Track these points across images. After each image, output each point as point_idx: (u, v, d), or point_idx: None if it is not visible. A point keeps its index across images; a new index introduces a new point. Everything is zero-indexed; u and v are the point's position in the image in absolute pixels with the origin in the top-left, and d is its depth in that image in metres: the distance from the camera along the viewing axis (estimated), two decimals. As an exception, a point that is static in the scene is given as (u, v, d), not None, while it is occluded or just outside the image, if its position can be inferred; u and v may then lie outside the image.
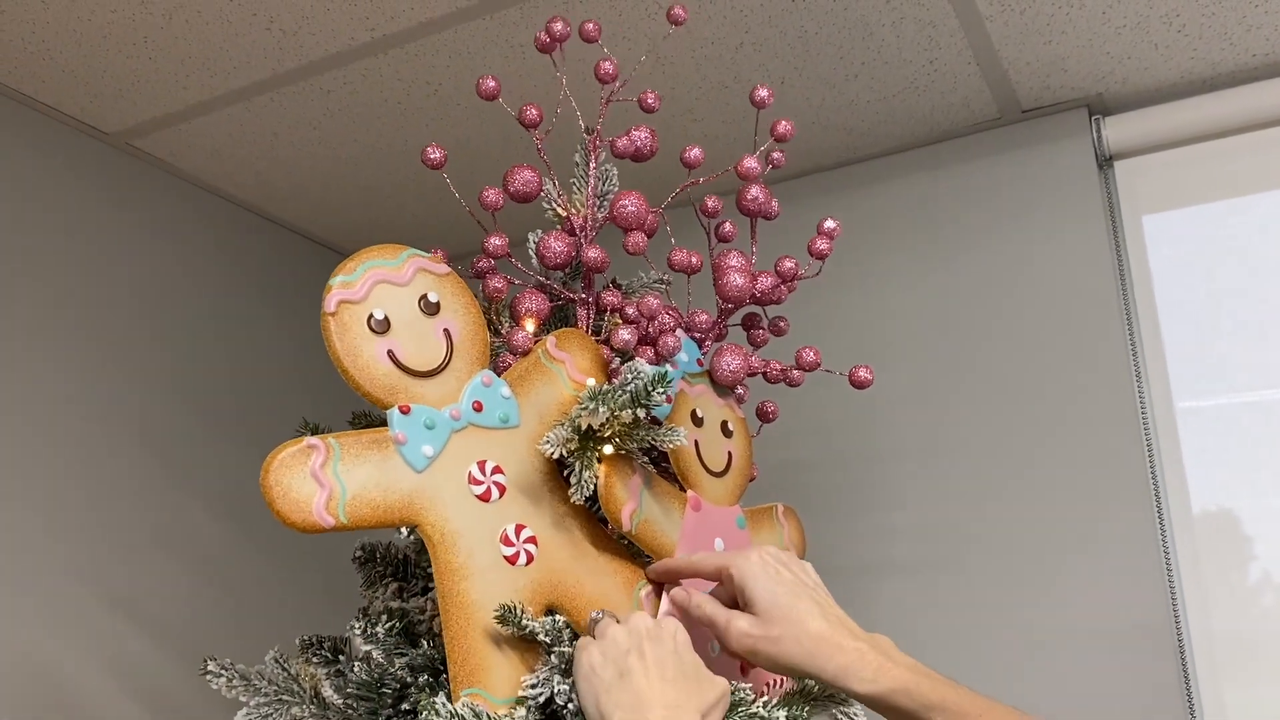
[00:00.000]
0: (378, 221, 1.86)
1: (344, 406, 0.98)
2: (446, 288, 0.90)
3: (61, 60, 1.38)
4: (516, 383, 0.92)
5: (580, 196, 1.01)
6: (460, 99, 1.49)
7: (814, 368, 1.06)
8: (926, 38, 1.38)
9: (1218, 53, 1.42)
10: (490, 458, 0.88)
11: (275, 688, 0.84)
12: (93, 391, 1.49)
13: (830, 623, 0.82)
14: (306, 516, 0.77)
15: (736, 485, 1.04)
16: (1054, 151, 1.56)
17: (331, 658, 0.88)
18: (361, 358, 0.83)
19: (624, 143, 1.01)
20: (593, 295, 1.02)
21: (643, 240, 0.98)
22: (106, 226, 1.56)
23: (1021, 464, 1.48)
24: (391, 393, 0.84)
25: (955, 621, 1.46)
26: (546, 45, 1.02)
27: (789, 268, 1.03)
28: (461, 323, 0.90)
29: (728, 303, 1.02)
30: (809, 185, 1.72)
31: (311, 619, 1.67)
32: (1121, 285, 1.50)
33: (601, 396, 0.84)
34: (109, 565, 1.47)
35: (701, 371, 1.04)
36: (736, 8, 1.31)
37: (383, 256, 0.87)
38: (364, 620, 0.86)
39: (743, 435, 1.07)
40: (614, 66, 1.02)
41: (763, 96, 1.06)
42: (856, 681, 0.80)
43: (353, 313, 0.84)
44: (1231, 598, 1.38)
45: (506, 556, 0.86)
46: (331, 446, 0.80)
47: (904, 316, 1.61)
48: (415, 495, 0.83)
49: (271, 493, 0.77)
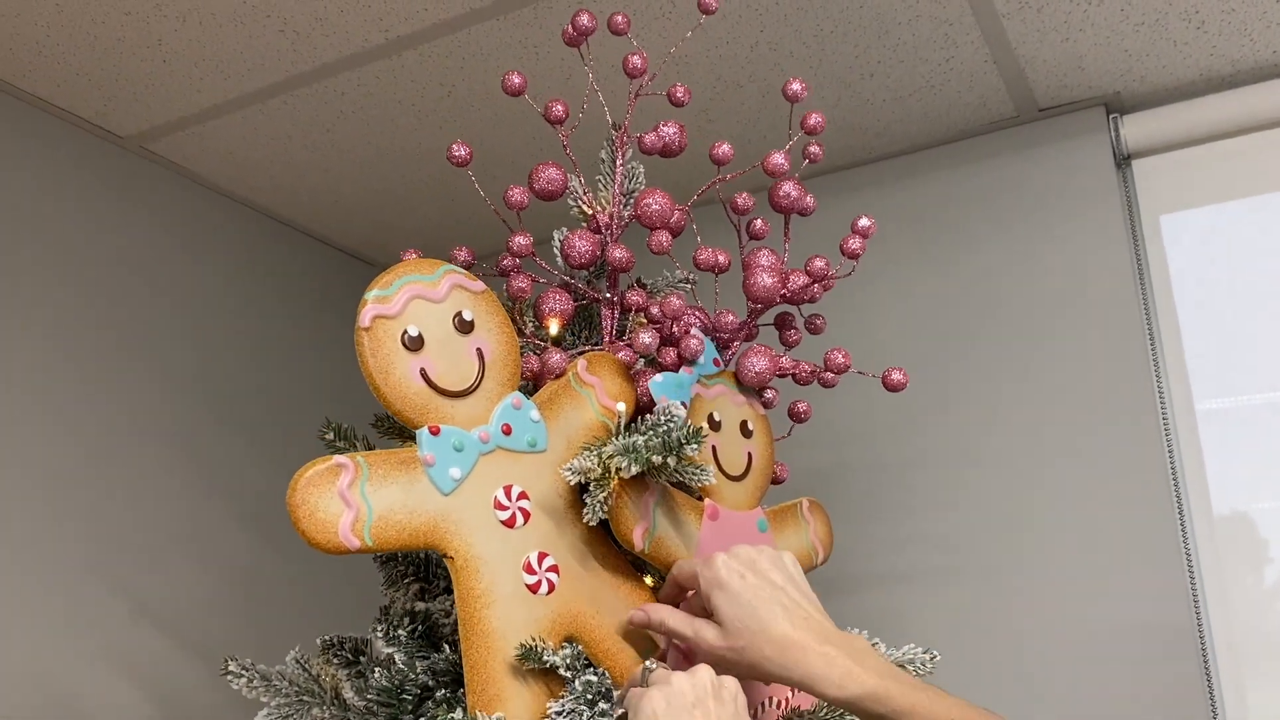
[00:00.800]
0: (392, 224, 1.85)
1: (359, 408, 0.97)
2: (481, 305, 0.89)
3: (76, 64, 1.38)
4: (545, 406, 0.91)
5: (605, 194, 1.00)
6: (474, 100, 1.49)
7: (844, 370, 1.04)
8: (943, 36, 1.37)
9: (1237, 50, 1.41)
10: (517, 482, 0.87)
11: (296, 688, 0.84)
12: (109, 395, 1.49)
13: (796, 626, 0.80)
14: (332, 538, 0.76)
15: (757, 487, 1.02)
16: (1072, 150, 1.54)
17: (353, 659, 0.88)
18: (394, 375, 0.82)
19: (652, 138, 1.00)
20: (617, 295, 1.01)
21: (667, 239, 0.96)
22: (120, 230, 1.56)
23: (1041, 466, 1.47)
24: (422, 412, 0.83)
25: (975, 624, 1.45)
26: (573, 39, 1.01)
27: (820, 267, 1.01)
28: (494, 342, 0.89)
29: (756, 302, 1.01)
30: (824, 185, 1.70)
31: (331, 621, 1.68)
32: (1140, 285, 1.49)
33: (634, 453, 0.83)
34: (132, 568, 1.48)
35: (719, 372, 1.02)
36: (752, 7, 1.30)
37: (419, 271, 0.86)
38: (385, 622, 0.86)
39: (764, 434, 1.04)
40: (643, 60, 1.00)
41: (795, 90, 1.03)
42: (825, 686, 0.78)
43: (387, 328, 0.83)
44: (1253, 598, 1.37)
45: (529, 585, 0.85)
46: (360, 465, 0.79)
47: (919, 317, 1.60)
48: (441, 519, 0.82)
49: (298, 512, 0.75)
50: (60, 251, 1.47)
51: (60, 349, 1.44)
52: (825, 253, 1.05)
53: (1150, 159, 1.54)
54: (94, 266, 1.51)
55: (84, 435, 1.45)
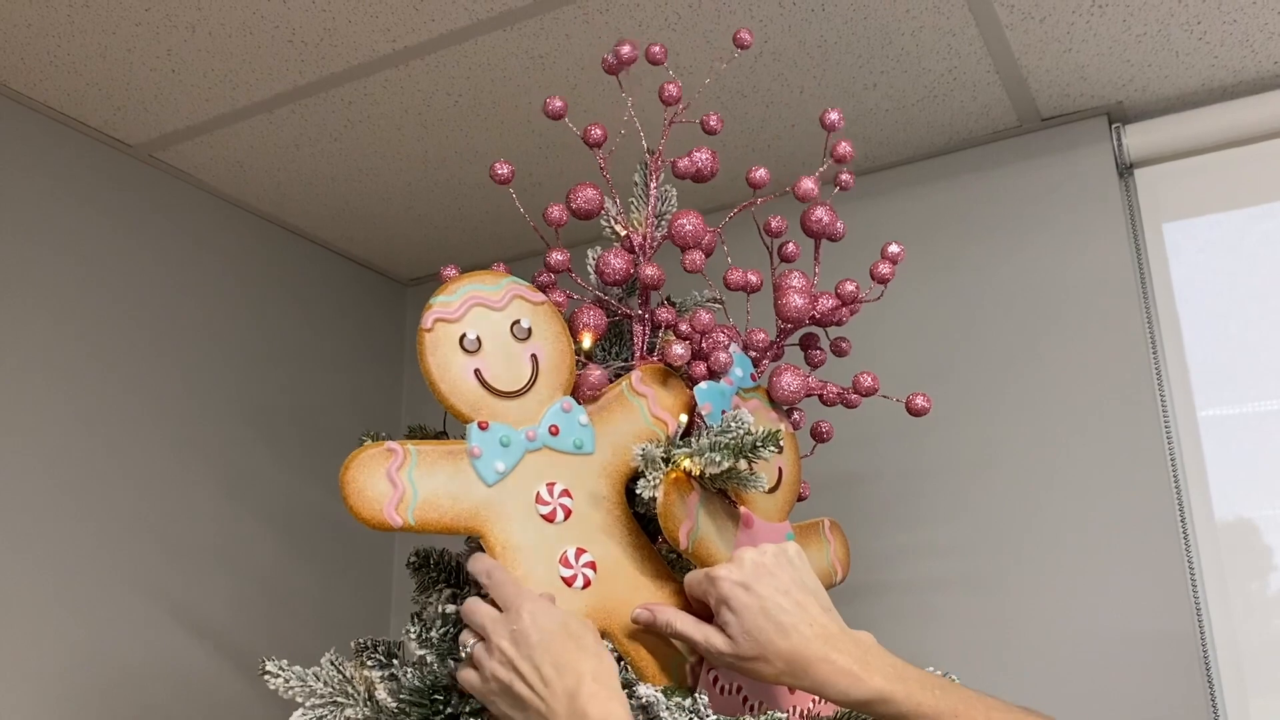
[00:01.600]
0: (399, 232, 1.87)
1: (377, 415, 0.99)
2: (540, 315, 0.95)
3: (85, 73, 1.39)
4: (596, 412, 0.95)
5: (639, 215, 1.03)
6: (481, 110, 1.50)
7: (872, 393, 1.08)
8: (946, 46, 1.38)
9: (1239, 60, 1.42)
10: (560, 480, 0.91)
11: (330, 689, 0.86)
12: (128, 399, 1.50)
13: (803, 635, 0.82)
14: (377, 514, 0.82)
15: (786, 501, 1.05)
16: (1074, 160, 1.55)
17: (386, 661, 0.90)
18: (450, 373, 0.88)
19: (685, 163, 1.03)
20: (648, 311, 1.04)
21: (700, 258, 1.00)
22: (130, 237, 1.57)
23: (1043, 474, 1.47)
24: (474, 408, 0.89)
25: (976, 633, 1.45)
26: (613, 68, 1.03)
27: (850, 291, 1.05)
28: (550, 349, 0.94)
29: (787, 323, 1.04)
30: (827, 194, 1.72)
31: (359, 629, 1.69)
32: (1143, 293, 1.50)
33: (724, 450, 0.88)
34: (160, 574, 1.51)
35: (754, 387, 1.05)
36: (756, 17, 1.31)
37: (483, 281, 0.92)
38: (419, 625, 0.88)
39: (793, 450, 1.08)
40: (678, 89, 1.04)
41: (833, 120, 1.07)
42: (832, 694, 0.82)
43: (447, 331, 0.89)
44: (1255, 605, 1.37)
45: (564, 578, 0.88)
46: (409, 452, 0.85)
47: (922, 325, 1.60)
48: (482, 507, 0.86)
49: (348, 489, 0.82)
50: (72, 260, 1.48)
51: (76, 357, 1.45)
52: (828, 261, 1.06)
53: (1153, 168, 1.55)
54: (105, 275, 1.52)
55: (104, 443, 1.46)
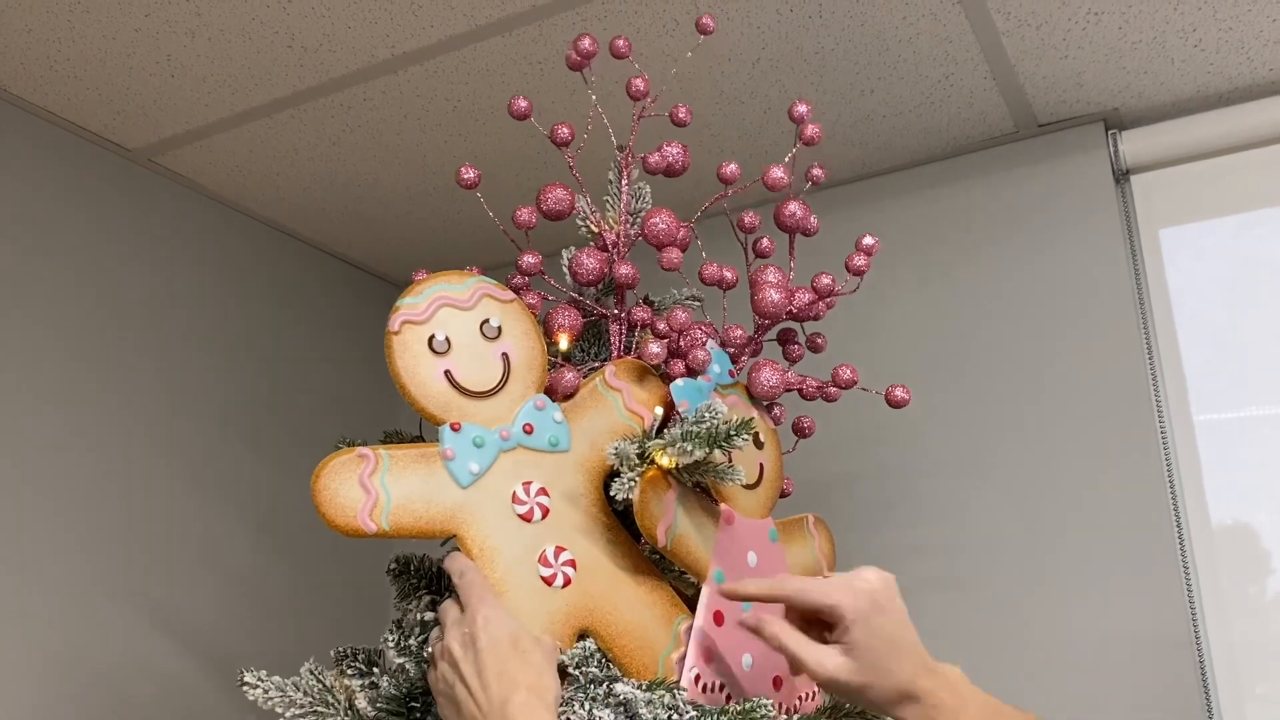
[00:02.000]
0: (397, 236, 1.87)
1: (367, 417, 0.99)
2: (510, 314, 0.93)
3: (85, 77, 1.39)
4: (570, 408, 0.94)
5: (613, 214, 1.03)
6: (479, 115, 1.50)
7: (851, 385, 1.06)
8: (943, 53, 1.38)
9: (1234, 67, 1.42)
10: (536, 479, 0.90)
11: (310, 699, 0.85)
12: (120, 404, 1.50)
13: (914, 672, 0.84)
14: (350, 521, 0.81)
15: (769, 497, 1.04)
16: (1071, 166, 1.56)
17: (366, 669, 0.89)
18: (419, 375, 0.87)
19: (656, 159, 1.02)
20: (624, 311, 1.03)
21: (678, 256, 0.99)
22: (128, 241, 1.57)
23: (1040, 477, 1.48)
24: (445, 410, 0.88)
25: (973, 635, 1.46)
26: (576, 63, 1.03)
27: (826, 284, 1.03)
28: (521, 348, 0.93)
29: (763, 318, 1.03)
30: (824, 199, 1.72)
31: (342, 632, 1.68)
32: (1139, 299, 1.50)
33: (696, 439, 0.86)
34: (142, 576, 1.50)
35: (734, 383, 1.04)
36: (753, 24, 1.32)
37: (450, 281, 0.91)
38: (397, 633, 0.87)
39: (774, 446, 1.07)
40: (645, 83, 1.03)
41: (801, 112, 1.06)
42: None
43: (415, 333, 0.88)
44: (1251, 610, 1.38)
45: (544, 577, 0.87)
46: (381, 457, 0.84)
47: (918, 330, 1.61)
48: (458, 509, 0.85)
49: (320, 496, 0.81)
50: (68, 263, 1.48)
51: (70, 359, 1.45)
52: (825, 267, 1.06)
53: (1149, 174, 1.56)
54: (103, 277, 1.52)
55: (94, 445, 1.46)
